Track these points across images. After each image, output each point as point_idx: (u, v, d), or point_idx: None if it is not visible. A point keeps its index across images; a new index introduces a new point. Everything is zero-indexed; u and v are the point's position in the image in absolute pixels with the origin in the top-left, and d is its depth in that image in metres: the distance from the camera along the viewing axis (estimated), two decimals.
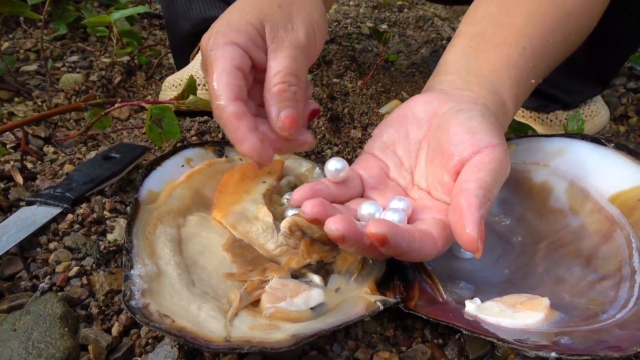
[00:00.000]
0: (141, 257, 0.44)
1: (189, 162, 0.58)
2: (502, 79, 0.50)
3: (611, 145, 0.53)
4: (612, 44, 0.80)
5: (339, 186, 0.48)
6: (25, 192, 0.61)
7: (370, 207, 0.45)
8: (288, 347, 0.38)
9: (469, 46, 0.52)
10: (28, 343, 0.41)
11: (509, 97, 0.50)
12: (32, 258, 0.51)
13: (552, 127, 0.90)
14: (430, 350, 0.44)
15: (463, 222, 0.39)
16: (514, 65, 0.50)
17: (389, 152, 0.50)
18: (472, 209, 0.39)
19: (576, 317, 0.43)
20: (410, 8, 1.74)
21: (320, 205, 0.42)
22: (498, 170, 0.42)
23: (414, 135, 0.49)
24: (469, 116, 0.45)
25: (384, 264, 0.49)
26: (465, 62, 0.51)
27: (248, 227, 0.50)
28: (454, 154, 0.44)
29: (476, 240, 0.38)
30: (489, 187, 0.41)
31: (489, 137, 0.43)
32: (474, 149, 0.43)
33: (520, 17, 0.52)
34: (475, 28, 0.54)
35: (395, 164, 0.49)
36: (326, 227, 0.39)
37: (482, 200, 0.40)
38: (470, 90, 0.49)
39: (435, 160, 0.46)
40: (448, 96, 0.48)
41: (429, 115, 0.48)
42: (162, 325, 0.38)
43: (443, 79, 0.51)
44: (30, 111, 0.82)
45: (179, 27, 0.93)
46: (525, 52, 0.51)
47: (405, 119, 0.50)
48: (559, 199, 0.54)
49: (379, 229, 0.37)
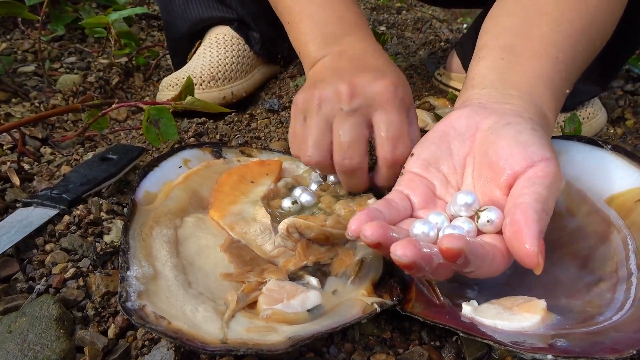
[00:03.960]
0: (138, 258, 0.44)
1: (186, 163, 0.58)
2: (540, 92, 0.49)
3: (608, 147, 0.53)
4: (611, 46, 0.80)
5: (390, 209, 0.45)
6: (22, 193, 0.61)
7: (423, 226, 0.42)
8: (284, 349, 0.38)
9: (500, 58, 0.51)
10: (24, 345, 0.41)
11: (549, 109, 0.49)
12: (29, 259, 0.51)
13: None
14: (427, 353, 0.44)
15: (521, 236, 0.37)
16: (549, 77, 0.49)
17: (433, 169, 0.48)
18: (530, 223, 0.38)
19: (573, 320, 0.43)
20: (409, 10, 1.74)
21: (381, 229, 0.40)
22: (553, 184, 0.41)
23: (458, 150, 0.47)
24: (518, 129, 0.44)
25: (380, 266, 0.49)
26: (499, 75, 0.50)
27: (246, 228, 0.50)
28: (506, 168, 0.42)
29: (537, 254, 0.37)
30: (545, 201, 0.40)
31: (541, 151, 0.42)
32: (528, 163, 0.42)
33: (546, 27, 0.51)
34: (503, 40, 0.52)
35: (441, 182, 0.48)
36: (393, 255, 0.37)
37: (539, 214, 0.39)
38: (512, 103, 0.47)
39: (484, 175, 0.45)
40: (489, 110, 0.47)
41: (472, 130, 0.47)
42: (159, 327, 0.38)
43: (479, 93, 0.50)
44: (28, 112, 0.82)
45: (176, 27, 0.93)
46: (558, 63, 0.50)
47: (446, 135, 0.48)
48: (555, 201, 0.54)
49: (454, 244, 0.35)
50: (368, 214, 0.43)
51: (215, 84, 0.88)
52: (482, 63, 0.52)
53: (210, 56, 0.89)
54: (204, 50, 0.91)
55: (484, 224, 0.41)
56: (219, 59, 0.89)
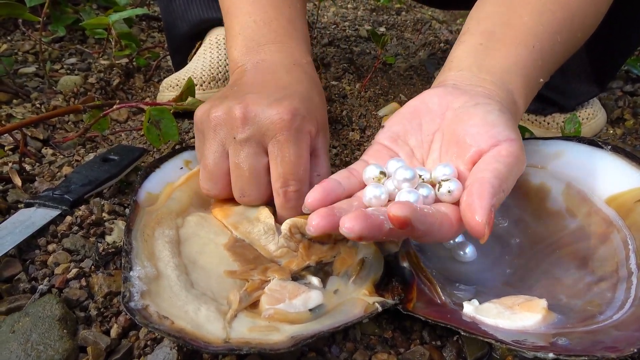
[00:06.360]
0: (140, 258, 0.44)
1: (187, 164, 0.58)
2: (513, 78, 0.50)
3: (608, 147, 0.53)
4: (610, 46, 0.81)
5: (350, 179, 0.47)
6: (23, 194, 0.61)
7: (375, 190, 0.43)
8: (287, 348, 0.38)
9: (479, 43, 0.52)
10: (27, 345, 0.41)
11: (519, 96, 0.50)
12: (31, 260, 0.51)
13: (550, 130, 0.90)
14: (428, 352, 0.44)
15: (473, 207, 0.39)
16: (524, 65, 0.51)
17: (400, 142, 0.49)
18: (485, 195, 0.39)
19: (573, 319, 0.43)
20: (408, 11, 1.74)
21: (326, 217, 0.40)
22: (514, 164, 0.43)
23: (427, 126, 0.49)
24: (486, 110, 0.45)
25: (381, 266, 0.49)
26: (476, 59, 0.51)
27: (250, 228, 0.50)
28: (472, 145, 0.44)
29: (484, 225, 0.38)
30: (504, 179, 0.41)
31: (507, 131, 0.44)
32: (493, 142, 0.43)
33: (528, 16, 0.52)
34: (484, 26, 0.54)
35: (406, 154, 0.49)
36: (341, 229, 0.38)
37: (496, 189, 0.40)
38: (484, 87, 0.49)
39: (450, 150, 0.46)
40: (461, 91, 0.48)
41: (443, 108, 0.48)
42: (162, 326, 0.38)
43: (454, 75, 0.51)
44: (29, 113, 0.82)
45: (177, 28, 0.93)
46: (534, 52, 0.51)
47: (418, 112, 0.50)
48: (556, 201, 0.54)
49: (401, 212, 0.37)
50: (324, 187, 0.44)
51: (215, 85, 0.88)
52: (461, 47, 0.54)
53: (211, 57, 0.90)
54: (204, 51, 0.91)
55: (443, 193, 0.42)
56: (219, 60, 0.89)
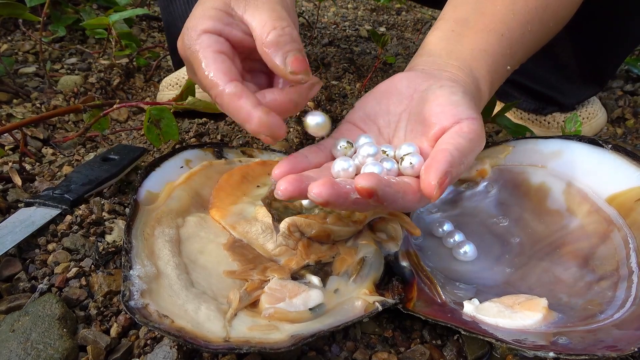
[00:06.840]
0: (140, 257, 0.44)
1: (187, 163, 0.58)
2: (480, 65, 0.52)
3: (608, 146, 0.53)
4: (609, 45, 0.81)
5: (318, 153, 0.48)
6: (23, 193, 0.61)
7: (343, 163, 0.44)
8: (287, 347, 0.38)
9: (451, 30, 0.54)
10: (27, 344, 0.41)
11: (485, 83, 0.52)
12: (31, 259, 0.51)
13: (550, 129, 0.90)
14: (428, 351, 0.44)
15: (430, 171, 0.40)
16: (492, 53, 0.53)
17: (369, 121, 0.51)
18: (442, 161, 0.40)
19: (574, 318, 0.43)
20: (408, 11, 1.74)
21: (294, 182, 0.41)
22: (475, 140, 0.44)
23: (395, 107, 0.50)
24: (451, 91, 0.47)
25: (381, 265, 0.49)
26: (447, 45, 0.53)
27: (247, 228, 0.50)
28: (436, 123, 0.45)
29: (435, 186, 0.39)
30: (465, 151, 0.42)
31: (469, 111, 0.45)
32: (455, 119, 0.45)
33: (501, 5, 0.54)
34: (459, 13, 0.56)
35: (374, 133, 0.51)
36: (309, 194, 0.39)
37: (455, 159, 0.41)
38: (450, 72, 0.51)
39: (416, 129, 0.48)
40: (429, 75, 0.50)
41: (411, 90, 0.50)
42: (161, 325, 0.38)
43: (425, 60, 0.53)
44: (29, 113, 0.82)
45: (177, 28, 0.93)
46: (503, 40, 0.53)
47: (387, 94, 0.51)
48: (556, 200, 0.54)
49: (368, 183, 0.38)
50: (291, 160, 0.45)
51: None
52: (434, 33, 0.56)
53: None
54: None
55: (406, 166, 0.44)
56: None
